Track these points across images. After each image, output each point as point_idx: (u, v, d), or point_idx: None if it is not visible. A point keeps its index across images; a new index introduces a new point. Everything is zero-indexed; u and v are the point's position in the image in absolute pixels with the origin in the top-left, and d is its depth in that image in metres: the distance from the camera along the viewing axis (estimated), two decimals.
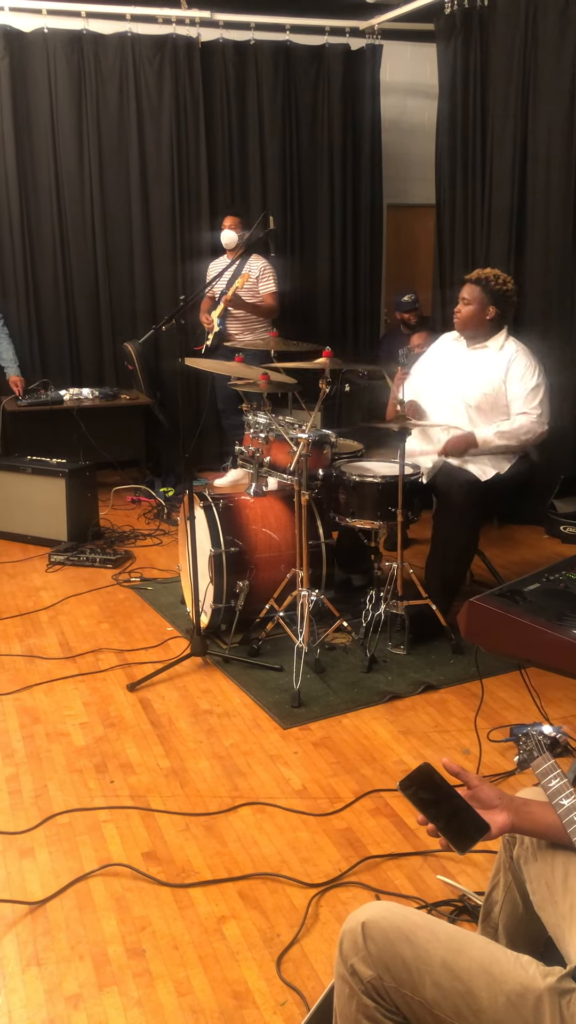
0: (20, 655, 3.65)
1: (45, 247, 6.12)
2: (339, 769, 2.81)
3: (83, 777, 2.79)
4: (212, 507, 3.69)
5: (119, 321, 6.34)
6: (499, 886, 1.72)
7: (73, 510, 4.91)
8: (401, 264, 7.46)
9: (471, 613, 2.10)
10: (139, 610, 4.12)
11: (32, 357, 6.19)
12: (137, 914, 2.20)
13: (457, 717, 3.12)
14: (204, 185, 6.27)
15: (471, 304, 3.74)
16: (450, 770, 1.50)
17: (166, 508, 5.54)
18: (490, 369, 3.73)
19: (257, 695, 3.28)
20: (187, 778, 2.78)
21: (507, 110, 5.07)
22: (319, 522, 3.77)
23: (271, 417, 3.77)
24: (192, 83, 6.11)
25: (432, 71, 5.79)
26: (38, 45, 5.81)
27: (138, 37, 5.97)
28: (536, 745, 1.58)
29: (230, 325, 5.83)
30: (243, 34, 6.21)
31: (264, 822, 2.56)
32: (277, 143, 6.40)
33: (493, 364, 3.73)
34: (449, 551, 3.70)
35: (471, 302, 3.74)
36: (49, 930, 2.15)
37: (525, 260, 5.12)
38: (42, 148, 5.97)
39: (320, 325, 6.75)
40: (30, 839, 2.49)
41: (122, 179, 6.16)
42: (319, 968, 2.03)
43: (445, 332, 4.08)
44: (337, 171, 6.58)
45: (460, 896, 2.23)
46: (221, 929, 2.15)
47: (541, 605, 2.07)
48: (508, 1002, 1.31)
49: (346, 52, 6.42)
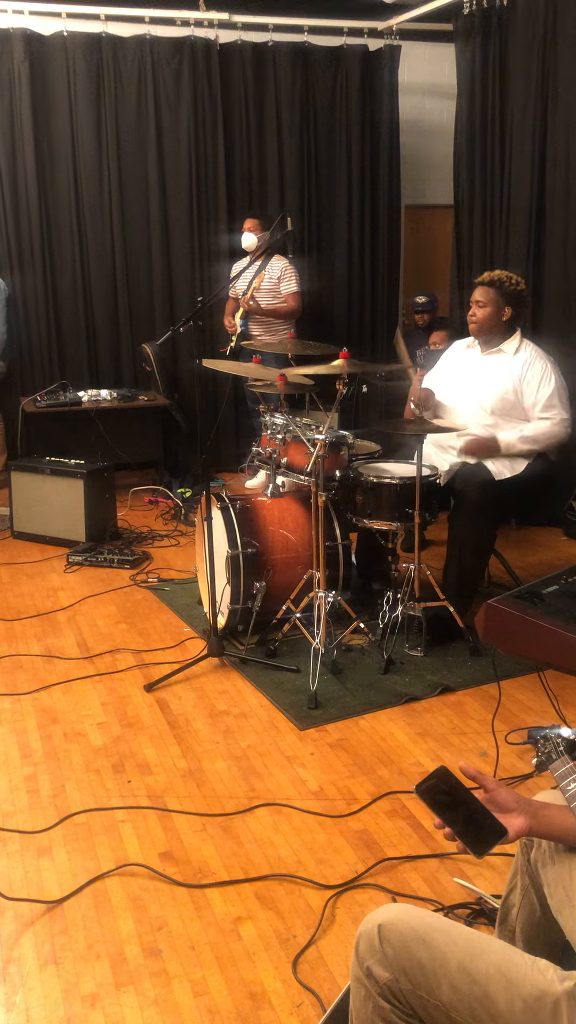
0: (38, 655, 3.67)
1: (64, 249, 6.15)
2: (356, 771, 2.81)
3: (100, 777, 2.80)
4: (229, 508, 3.69)
5: (137, 323, 6.36)
6: (516, 889, 1.71)
7: (91, 511, 4.93)
8: (419, 265, 7.45)
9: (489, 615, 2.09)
10: (156, 611, 4.13)
11: (51, 358, 6.23)
12: (154, 914, 2.21)
13: (474, 719, 3.11)
14: (222, 186, 6.28)
15: (486, 307, 3.72)
16: (467, 773, 1.49)
17: (183, 509, 5.55)
18: (506, 373, 3.71)
19: (274, 696, 3.28)
20: (204, 779, 2.78)
21: (526, 110, 5.05)
22: (336, 523, 3.77)
23: (288, 418, 3.77)
24: (210, 85, 6.13)
25: (450, 71, 5.78)
26: (57, 48, 5.85)
27: (157, 39, 5.99)
28: (554, 748, 1.58)
29: (252, 326, 5.85)
30: (261, 35, 6.22)
31: (280, 823, 2.56)
32: (295, 144, 6.41)
33: (509, 368, 3.72)
34: (465, 551, 3.69)
35: (486, 304, 3.72)
36: (66, 929, 2.16)
37: (544, 261, 5.09)
38: (61, 150, 6.00)
39: (338, 326, 6.75)
40: (48, 838, 2.50)
41: (140, 181, 6.18)
42: (335, 970, 2.02)
43: (462, 333, 4.06)
44: (355, 172, 6.57)
45: (477, 899, 2.22)
46: (237, 930, 2.16)
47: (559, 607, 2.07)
48: (525, 1006, 1.31)
49: (364, 53, 6.41)
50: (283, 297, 5.80)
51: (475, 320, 3.77)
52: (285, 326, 5.86)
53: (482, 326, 3.77)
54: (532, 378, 3.68)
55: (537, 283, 5.13)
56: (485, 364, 3.80)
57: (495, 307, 3.72)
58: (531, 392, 3.67)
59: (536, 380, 3.68)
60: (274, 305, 5.78)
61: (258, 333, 5.86)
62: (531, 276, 5.12)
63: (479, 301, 3.74)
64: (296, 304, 5.82)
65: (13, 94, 5.82)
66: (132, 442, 5.88)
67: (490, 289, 3.71)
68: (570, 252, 4.91)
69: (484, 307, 3.73)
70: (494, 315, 3.73)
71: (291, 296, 5.80)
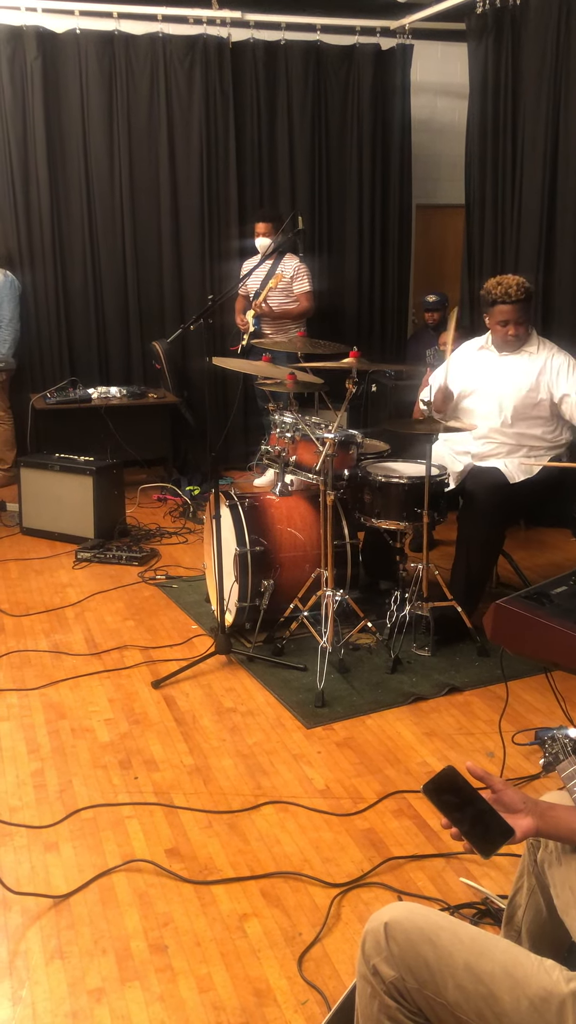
0: (46, 651, 3.68)
1: (75, 246, 6.16)
2: (362, 770, 2.81)
3: (107, 773, 2.80)
4: (238, 506, 3.70)
5: (147, 320, 6.37)
6: (523, 890, 1.71)
7: (100, 508, 4.94)
8: (429, 264, 7.44)
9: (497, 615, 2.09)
10: (164, 608, 4.14)
11: (61, 355, 6.24)
12: (160, 910, 2.22)
13: (482, 719, 3.11)
14: (233, 184, 6.28)
15: (523, 322, 3.72)
16: (474, 774, 1.49)
17: (192, 507, 5.56)
18: (529, 371, 3.72)
19: (281, 694, 3.28)
20: (210, 776, 2.79)
21: (538, 110, 5.04)
22: (344, 522, 3.77)
23: (297, 416, 3.78)
24: (222, 83, 6.13)
25: (463, 71, 5.77)
26: (70, 46, 5.86)
27: (169, 37, 6.00)
28: (562, 748, 1.58)
29: (264, 325, 5.86)
30: (274, 34, 6.22)
31: (287, 821, 2.56)
32: (307, 143, 6.41)
33: (531, 366, 3.73)
34: (473, 551, 3.69)
35: (523, 320, 3.71)
36: (73, 924, 2.17)
37: (555, 261, 5.08)
38: (73, 148, 6.02)
39: (348, 325, 6.74)
40: (54, 833, 2.51)
41: (152, 178, 6.19)
42: (340, 968, 2.03)
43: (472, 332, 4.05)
44: (366, 171, 6.56)
45: (483, 899, 2.22)
46: (243, 927, 2.16)
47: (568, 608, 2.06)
48: (531, 1006, 1.31)
49: (376, 52, 6.41)
50: (296, 296, 5.80)
51: (518, 336, 3.74)
52: (296, 325, 5.87)
53: (523, 340, 3.77)
54: (560, 369, 3.70)
55: (548, 283, 5.12)
56: (505, 365, 3.80)
57: (528, 318, 3.75)
58: (563, 382, 3.68)
59: (565, 369, 3.70)
60: (286, 307, 5.78)
61: (270, 332, 5.86)
62: (542, 276, 5.11)
63: (517, 319, 3.70)
64: (309, 303, 5.82)
65: (26, 91, 5.83)
66: (141, 439, 5.89)
67: (524, 304, 3.69)
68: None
69: (522, 323, 3.72)
70: (528, 327, 3.76)
71: (304, 295, 5.80)
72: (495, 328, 3.78)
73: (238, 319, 5.92)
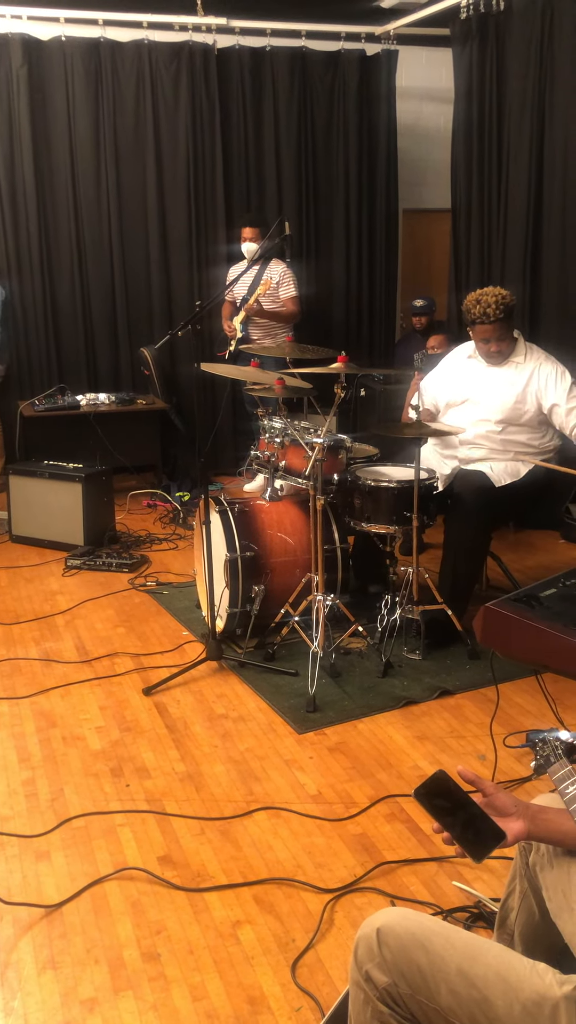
0: (37, 659, 3.67)
1: (63, 253, 6.15)
2: (354, 774, 2.81)
3: (99, 781, 2.79)
4: (228, 511, 3.70)
5: (135, 326, 6.36)
6: (515, 893, 1.71)
7: (90, 515, 4.93)
8: (417, 269, 7.46)
9: (487, 618, 2.09)
10: (155, 614, 4.13)
11: (49, 362, 6.23)
12: (152, 918, 2.21)
13: (473, 722, 3.11)
14: (220, 190, 6.29)
15: (504, 338, 3.73)
16: (465, 778, 1.49)
17: (182, 513, 5.55)
18: (516, 381, 3.74)
19: (272, 700, 3.28)
20: (202, 782, 2.78)
21: (523, 114, 5.07)
22: (334, 526, 3.77)
23: (286, 422, 3.78)
24: (208, 90, 6.13)
25: (448, 76, 5.79)
26: (56, 53, 5.85)
27: (155, 44, 6.00)
28: (553, 751, 1.58)
29: (252, 331, 5.86)
30: (259, 40, 6.23)
31: (279, 827, 2.56)
32: (293, 148, 6.42)
33: (518, 376, 3.75)
34: (460, 554, 3.70)
35: (505, 336, 3.73)
36: (65, 933, 2.16)
37: (541, 265, 5.10)
38: (60, 155, 6.01)
39: (336, 330, 6.76)
40: (46, 842, 2.50)
41: (139, 185, 6.19)
42: (334, 974, 2.02)
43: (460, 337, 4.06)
44: (353, 176, 6.58)
45: (476, 903, 2.22)
46: (236, 934, 2.15)
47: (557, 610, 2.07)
48: (524, 1010, 1.31)
49: (362, 58, 6.43)
50: (282, 301, 5.80)
51: (501, 353, 3.76)
52: (284, 330, 5.87)
53: (506, 354, 3.78)
54: (547, 378, 3.71)
55: (535, 287, 5.14)
56: (492, 375, 3.81)
57: (511, 333, 3.76)
58: (551, 392, 3.70)
59: (553, 379, 3.71)
60: (274, 308, 5.78)
61: (257, 337, 5.86)
62: (528, 280, 5.13)
63: (499, 336, 3.71)
64: (295, 308, 5.83)
65: (12, 99, 5.82)
66: (130, 446, 5.89)
67: (507, 321, 3.70)
68: (567, 256, 4.92)
69: (504, 339, 3.73)
70: (511, 341, 3.77)
71: (290, 300, 5.80)
72: (478, 344, 3.81)
73: (225, 325, 5.92)
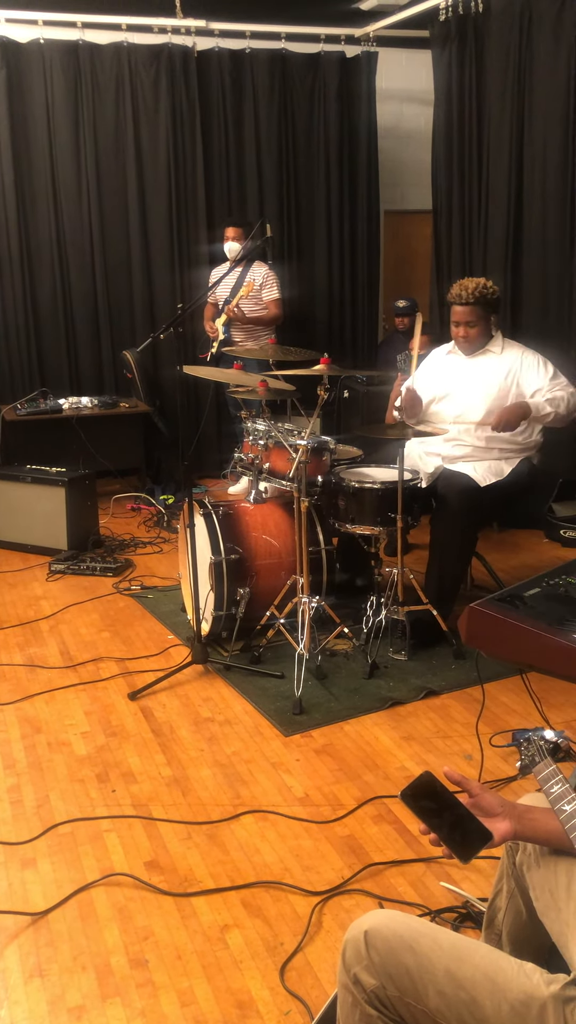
0: (21, 664, 3.65)
1: (43, 256, 6.13)
2: (341, 776, 2.81)
3: (85, 786, 2.78)
4: (212, 514, 3.69)
5: (118, 330, 6.34)
6: (502, 893, 1.71)
7: (73, 519, 4.90)
8: (399, 270, 7.48)
9: (471, 618, 2.09)
10: (140, 618, 4.11)
11: (31, 366, 6.20)
12: (140, 924, 2.20)
13: (459, 722, 3.11)
14: (201, 193, 6.28)
15: (476, 324, 3.74)
16: (451, 779, 1.49)
17: (166, 516, 5.54)
18: (498, 371, 3.75)
19: (258, 702, 3.27)
20: (189, 786, 2.77)
21: (503, 115, 5.09)
22: (319, 528, 3.77)
23: (270, 424, 3.78)
24: (188, 92, 6.13)
25: (428, 77, 5.81)
26: (34, 56, 5.83)
27: (134, 47, 5.99)
28: (538, 750, 1.58)
29: (234, 333, 5.85)
30: (239, 43, 6.23)
31: (266, 830, 2.55)
32: (274, 151, 6.42)
33: (499, 366, 3.76)
34: (445, 554, 3.71)
35: (476, 322, 3.74)
36: (52, 941, 2.15)
37: (522, 265, 5.13)
38: (39, 158, 5.99)
39: (319, 331, 6.76)
40: (32, 849, 2.48)
41: (119, 188, 6.17)
42: (323, 977, 2.02)
43: (443, 337, 4.07)
44: (334, 178, 6.59)
45: (464, 903, 2.22)
46: (224, 938, 2.15)
47: (541, 610, 2.07)
48: (512, 1010, 1.31)
49: (341, 60, 6.44)
50: (265, 304, 5.80)
51: (468, 339, 3.78)
52: (266, 332, 5.87)
53: (475, 343, 3.79)
54: (528, 367, 3.73)
55: (516, 287, 5.16)
56: (473, 367, 3.82)
57: (484, 322, 3.75)
58: (532, 379, 3.71)
59: (533, 368, 3.73)
60: (257, 313, 5.78)
61: (240, 339, 5.86)
62: (509, 280, 5.15)
63: (468, 321, 3.73)
64: (278, 311, 5.83)
65: None
66: (114, 449, 5.86)
67: (477, 307, 3.71)
68: (548, 256, 4.94)
69: (474, 325, 3.74)
70: (484, 329, 3.77)
71: (273, 303, 5.80)
72: (452, 329, 3.83)
73: (207, 326, 5.91)
